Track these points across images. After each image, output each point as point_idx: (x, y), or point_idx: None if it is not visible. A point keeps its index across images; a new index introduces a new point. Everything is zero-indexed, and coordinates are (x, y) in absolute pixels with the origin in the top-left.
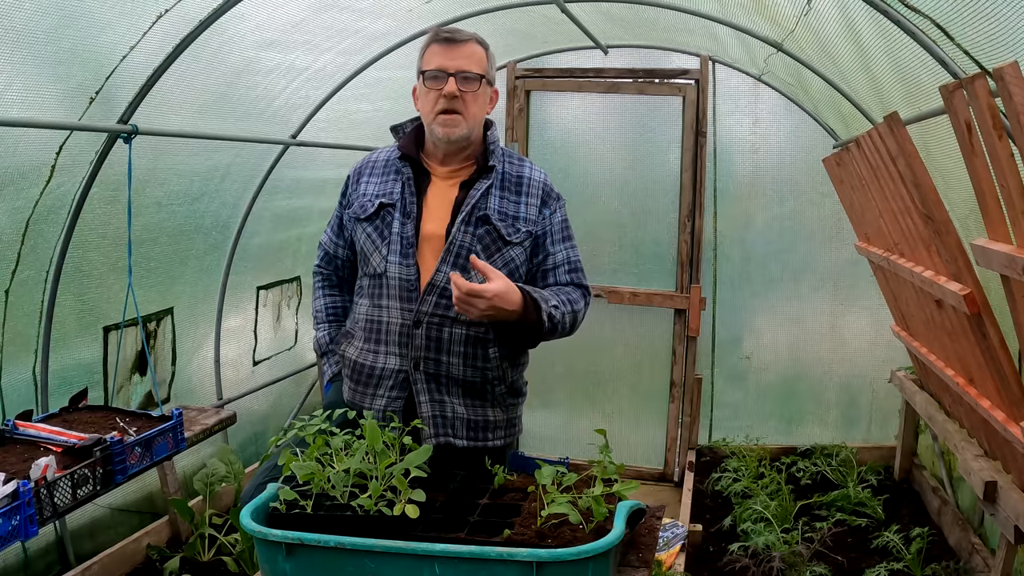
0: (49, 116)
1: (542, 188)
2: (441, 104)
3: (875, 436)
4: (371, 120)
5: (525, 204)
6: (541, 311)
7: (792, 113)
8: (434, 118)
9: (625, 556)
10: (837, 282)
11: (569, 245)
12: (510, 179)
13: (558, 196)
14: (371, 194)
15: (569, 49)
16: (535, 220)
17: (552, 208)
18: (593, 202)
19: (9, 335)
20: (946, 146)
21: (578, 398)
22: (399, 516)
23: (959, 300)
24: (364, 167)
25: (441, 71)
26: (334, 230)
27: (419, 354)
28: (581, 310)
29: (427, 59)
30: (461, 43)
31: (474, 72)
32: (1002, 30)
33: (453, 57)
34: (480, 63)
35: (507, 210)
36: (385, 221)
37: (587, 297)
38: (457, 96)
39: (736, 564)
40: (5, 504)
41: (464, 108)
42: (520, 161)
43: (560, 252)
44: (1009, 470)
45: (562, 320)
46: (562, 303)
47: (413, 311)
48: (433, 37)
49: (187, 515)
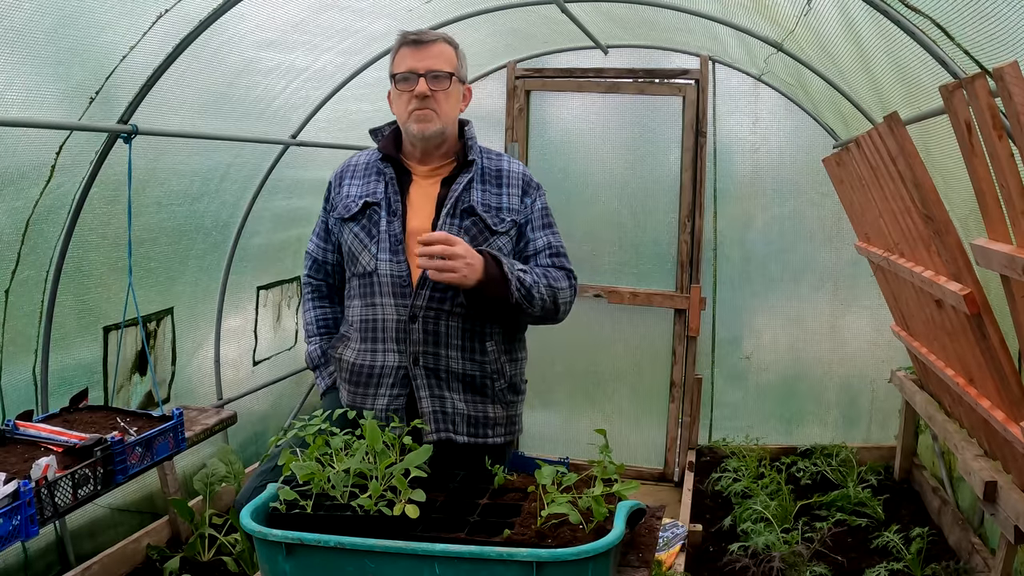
0: (49, 116)
1: (522, 178)
2: (413, 104)
3: (875, 436)
4: (371, 120)
5: (507, 195)
6: (503, 265)
7: (792, 113)
8: (408, 117)
9: (625, 556)
10: (837, 282)
11: (550, 232)
12: (490, 172)
13: (538, 185)
14: (355, 195)
15: (569, 49)
16: (518, 209)
17: (532, 197)
18: (593, 202)
19: (9, 335)
20: (946, 146)
21: (578, 398)
22: (399, 516)
23: (959, 300)
24: (345, 171)
25: (411, 72)
26: (320, 236)
27: (418, 349)
28: (564, 289)
29: (397, 62)
30: (429, 43)
31: (444, 71)
32: (1002, 30)
33: (422, 58)
34: (449, 61)
35: (490, 202)
36: (372, 220)
37: (571, 280)
38: (428, 95)
39: (736, 564)
40: (6, 504)
41: (436, 106)
42: (498, 156)
43: (541, 238)
44: (1009, 470)
45: (536, 288)
46: (536, 275)
47: (408, 306)
48: (401, 40)
49: (187, 515)
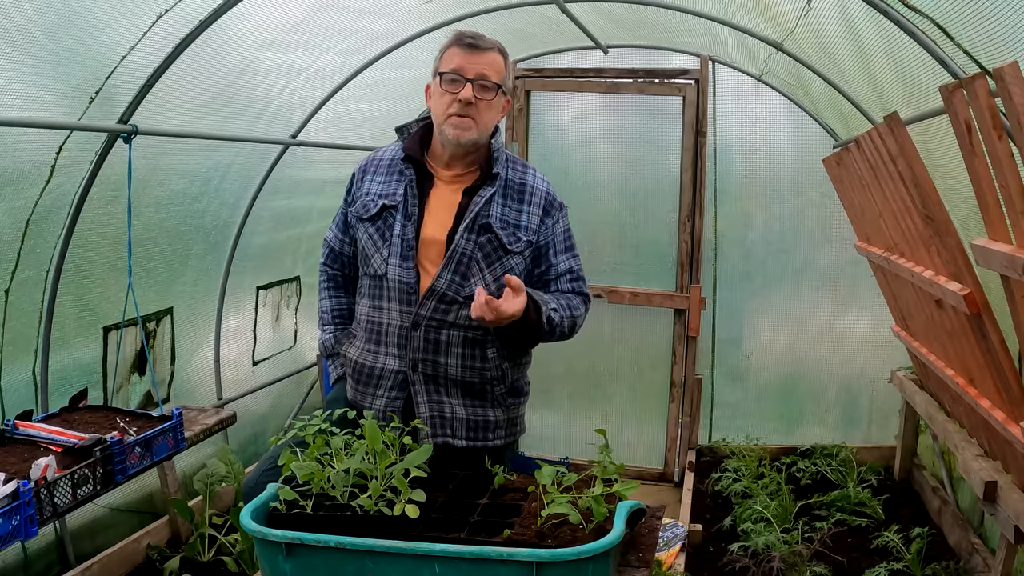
0: (49, 116)
1: (545, 197)
2: (455, 108)
3: (875, 436)
4: (371, 120)
5: (527, 213)
6: (541, 312)
7: (792, 113)
8: (446, 119)
9: (625, 556)
10: (837, 282)
11: (571, 255)
12: (513, 186)
13: (560, 205)
14: (374, 193)
15: (569, 49)
16: (536, 229)
17: (555, 218)
18: (593, 202)
19: (9, 335)
20: (946, 146)
21: (578, 398)
22: (399, 516)
23: (959, 300)
24: (369, 165)
25: (460, 75)
26: (339, 227)
27: (417, 355)
28: (580, 315)
29: (446, 60)
30: (483, 50)
31: (492, 81)
32: (1002, 30)
33: (473, 63)
34: (499, 72)
35: (509, 218)
36: (387, 223)
37: (587, 304)
38: (472, 103)
39: (736, 564)
40: (5, 504)
41: (477, 115)
42: (524, 168)
43: (563, 263)
44: (1009, 470)
45: (560, 324)
46: (562, 307)
47: (412, 314)
48: (456, 40)
49: (187, 515)
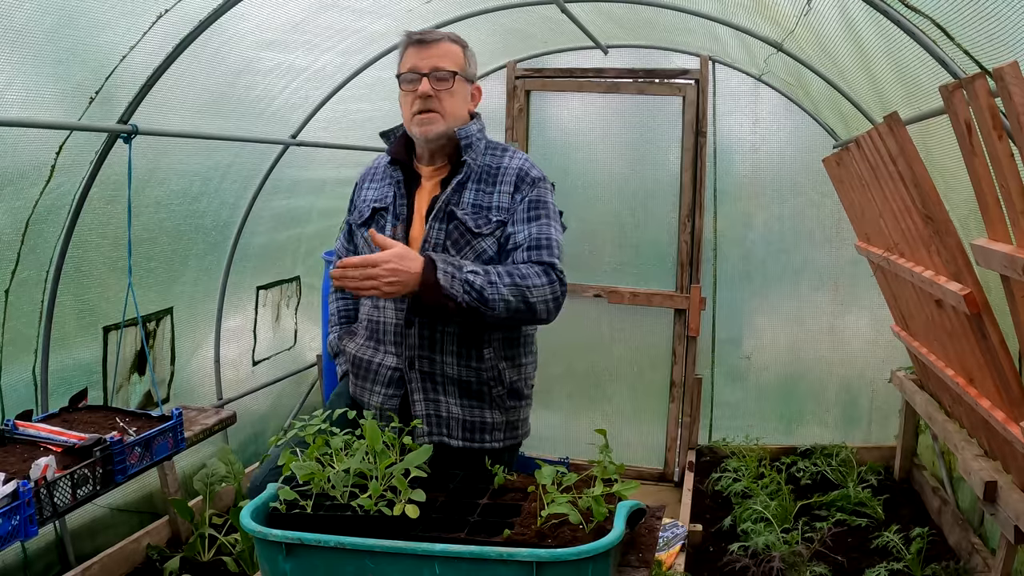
0: (49, 116)
1: (516, 174)
2: (417, 105)
3: (875, 436)
4: (371, 120)
5: (498, 193)
6: (437, 270)
7: (792, 113)
8: (412, 119)
9: (625, 556)
10: (837, 282)
11: (535, 224)
12: (488, 171)
13: (533, 180)
14: (368, 200)
15: (569, 49)
16: (507, 208)
17: (524, 192)
18: (593, 202)
19: (9, 335)
20: (946, 146)
21: (578, 398)
22: (399, 516)
23: (959, 300)
24: (367, 174)
25: (414, 72)
26: (345, 236)
27: (413, 353)
28: (539, 286)
29: (403, 63)
30: (433, 43)
31: (447, 69)
32: (1002, 30)
33: (425, 57)
34: (455, 60)
35: (481, 202)
36: (379, 225)
37: (552, 274)
38: (431, 95)
39: (736, 564)
40: (5, 504)
41: (440, 106)
42: (503, 152)
43: (522, 232)
44: (1009, 470)
45: (494, 291)
46: (497, 275)
47: (405, 310)
48: (407, 40)
49: (187, 515)
